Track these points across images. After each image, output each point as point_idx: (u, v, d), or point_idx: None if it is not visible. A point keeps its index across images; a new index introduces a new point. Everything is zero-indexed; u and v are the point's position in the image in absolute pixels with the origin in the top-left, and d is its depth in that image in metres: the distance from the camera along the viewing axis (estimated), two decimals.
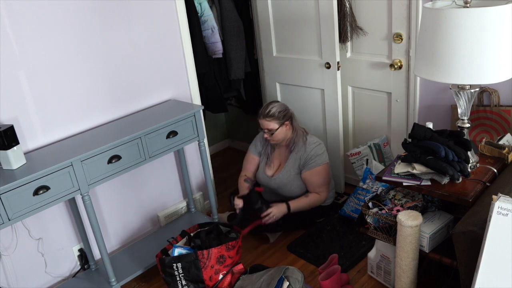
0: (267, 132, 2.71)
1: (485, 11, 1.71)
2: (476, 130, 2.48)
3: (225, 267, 2.31)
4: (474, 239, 1.59)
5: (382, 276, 2.32)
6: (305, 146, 2.72)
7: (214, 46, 3.08)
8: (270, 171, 2.85)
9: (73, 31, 2.29)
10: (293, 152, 2.75)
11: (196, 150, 3.01)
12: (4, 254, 2.28)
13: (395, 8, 2.58)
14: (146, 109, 2.65)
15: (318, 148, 2.73)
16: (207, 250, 2.26)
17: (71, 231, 2.53)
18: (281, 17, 3.03)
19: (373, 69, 2.83)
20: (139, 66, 2.60)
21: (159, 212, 2.94)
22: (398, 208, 2.05)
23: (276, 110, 2.67)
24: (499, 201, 1.51)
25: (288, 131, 2.73)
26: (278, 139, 2.73)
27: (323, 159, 2.74)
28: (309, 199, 2.74)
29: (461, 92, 1.97)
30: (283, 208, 2.68)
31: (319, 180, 2.73)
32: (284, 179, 2.77)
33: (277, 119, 2.67)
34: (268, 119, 2.67)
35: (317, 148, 2.72)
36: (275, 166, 2.85)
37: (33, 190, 1.98)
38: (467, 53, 1.76)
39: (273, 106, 2.70)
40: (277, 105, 2.71)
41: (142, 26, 2.56)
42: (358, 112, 3.07)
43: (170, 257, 2.27)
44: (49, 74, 2.25)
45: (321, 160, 2.72)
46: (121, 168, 2.27)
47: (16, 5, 2.08)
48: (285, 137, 2.74)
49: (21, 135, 2.20)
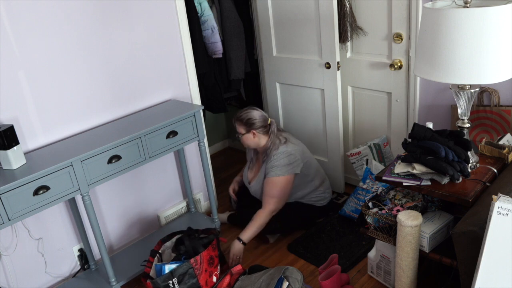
0: (237, 134, 2.74)
1: (485, 11, 1.71)
2: (476, 130, 2.48)
3: (215, 268, 2.32)
4: (474, 239, 1.59)
5: (382, 276, 2.32)
6: (273, 155, 2.64)
7: (214, 46, 3.08)
8: (251, 174, 2.89)
9: (73, 31, 2.29)
10: (265, 162, 2.72)
11: (196, 150, 3.01)
12: (4, 254, 2.28)
13: (395, 8, 2.58)
14: (146, 109, 2.65)
15: (284, 159, 2.62)
16: (198, 256, 2.23)
17: (71, 231, 2.53)
18: (281, 17, 3.03)
19: (373, 69, 2.83)
20: (139, 66, 2.60)
21: (159, 212, 2.94)
22: (398, 208, 2.05)
23: (245, 117, 2.67)
24: (499, 201, 1.51)
25: (258, 140, 2.70)
26: (247, 144, 2.73)
27: (284, 171, 2.61)
28: (255, 221, 2.61)
29: (461, 92, 1.97)
30: (238, 245, 2.58)
31: (270, 190, 2.62)
32: (257, 187, 2.80)
33: (244, 125, 2.67)
34: (238, 122, 2.70)
35: (282, 159, 2.62)
36: (254, 171, 2.87)
37: (33, 190, 1.98)
38: (467, 53, 1.76)
39: (247, 112, 2.69)
40: (251, 113, 2.68)
41: (142, 26, 2.56)
42: (358, 112, 3.07)
43: (163, 276, 2.17)
44: (49, 74, 2.25)
45: (280, 171, 2.61)
46: (121, 168, 2.27)
47: (16, 5, 2.08)
48: (256, 145, 2.72)
49: (21, 135, 2.20)
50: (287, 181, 2.64)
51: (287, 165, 2.62)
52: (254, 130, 2.66)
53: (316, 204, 2.85)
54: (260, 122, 2.67)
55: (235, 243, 2.59)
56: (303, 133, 3.28)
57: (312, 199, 2.84)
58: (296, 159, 2.66)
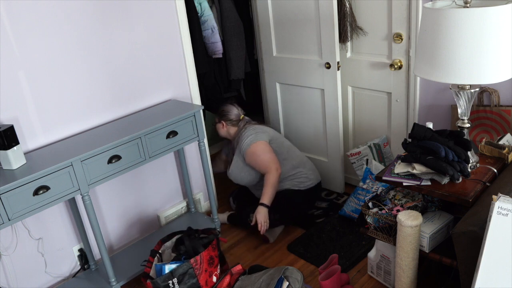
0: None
1: (485, 11, 1.71)
2: (476, 130, 2.48)
3: (215, 268, 2.32)
4: (474, 239, 1.59)
5: (382, 276, 2.32)
6: (240, 136, 2.90)
7: (214, 46, 3.08)
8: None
9: (73, 31, 2.29)
10: (237, 147, 2.91)
11: (196, 150, 3.01)
12: (4, 254, 2.28)
13: (395, 8, 2.58)
14: (146, 109, 2.65)
15: (248, 133, 2.85)
16: (198, 255, 2.23)
17: (71, 231, 2.53)
18: (281, 17, 3.03)
19: (373, 69, 2.83)
20: (139, 66, 2.60)
21: (159, 212, 2.94)
22: (398, 208, 2.05)
23: (220, 108, 3.04)
24: (499, 201, 1.51)
25: (228, 130, 3.00)
26: (220, 134, 3.07)
27: (252, 139, 2.82)
28: (267, 183, 2.76)
29: (461, 92, 1.97)
30: (262, 210, 2.71)
31: (256, 161, 2.80)
32: (235, 170, 2.95)
33: (218, 116, 3.03)
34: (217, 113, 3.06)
35: (246, 134, 2.86)
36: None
37: (33, 190, 1.98)
38: (467, 53, 1.76)
39: (225, 105, 3.02)
40: (227, 106, 3.01)
41: (142, 26, 2.56)
42: (358, 112, 3.07)
43: (163, 276, 2.17)
44: (49, 74, 2.25)
45: (249, 141, 2.82)
46: (121, 168, 2.27)
47: (16, 5, 2.08)
48: (226, 134, 3.03)
49: (21, 135, 2.20)
50: (261, 145, 2.82)
51: (252, 135, 2.84)
52: (223, 121, 2.99)
53: (302, 187, 2.88)
54: (231, 116, 2.98)
55: (259, 209, 2.71)
56: (303, 133, 3.28)
57: (295, 182, 2.88)
58: (258, 131, 2.88)
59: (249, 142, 2.82)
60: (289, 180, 2.88)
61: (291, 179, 2.88)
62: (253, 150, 2.80)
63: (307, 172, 2.92)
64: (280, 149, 2.90)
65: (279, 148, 2.90)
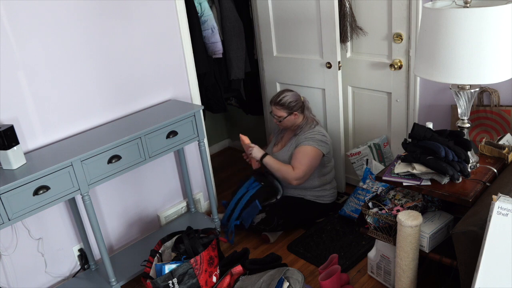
0: (276, 118, 2.82)
1: (485, 11, 1.71)
2: (476, 130, 2.48)
3: (215, 268, 2.31)
4: (474, 239, 1.59)
5: (382, 276, 2.32)
6: (309, 129, 2.78)
7: (214, 46, 3.08)
8: (276, 149, 2.96)
9: (73, 30, 2.29)
10: (297, 135, 2.82)
11: (196, 150, 3.01)
12: (4, 254, 2.28)
13: (395, 8, 2.58)
14: (146, 109, 2.65)
15: (319, 136, 2.76)
16: (198, 256, 2.23)
17: (71, 231, 2.53)
18: (281, 17, 3.03)
19: (373, 69, 2.83)
20: (139, 66, 2.60)
21: (159, 212, 2.94)
22: (398, 208, 2.05)
23: (286, 100, 2.76)
24: (499, 201, 1.51)
25: (297, 119, 2.81)
26: (286, 125, 2.85)
27: (317, 144, 2.73)
28: (282, 166, 2.76)
29: (461, 92, 1.97)
30: (259, 154, 2.81)
31: (302, 158, 2.72)
32: (285, 156, 2.84)
33: (287, 109, 2.77)
34: (277, 107, 2.78)
35: (317, 135, 2.75)
36: (280, 145, 2.95)
37: (33, 190, 1.98)
38: (467, 53, 1.76)
39: (285, 95, 2.78)
40: (290, 94, 2.78)
41: (142, 26, 2.56)
42: (358, 112, 3.07)
43: (163, 276, 2.17)
44: (49, 74, 2.25)
45: (314, 143, 2.73)
46: (121, 168, 2.27)
47: (16, 5, 2.08)
48: (293, 124, 2.83)
49: (21, 135, 2.20)
50: (317, 154, 2.73)
51: (320, 141, 2.75)
52: (296, 112, 2.79)
53: (318, 200, 2.87)
54: (299, 103, 2.80)
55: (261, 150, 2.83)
56: None
57: (315, 194, 2.86)
58: (327, 141, 2.80)
59: (312, 142, 2.73)
60: (312, 192, 2.87)
61: (315, 192, 2.87)
62: (308, 150, 2.72)
63: (331, 189, 2.94)
64: (329, 163, 2.89)
65: (328, 162, 2.88)
